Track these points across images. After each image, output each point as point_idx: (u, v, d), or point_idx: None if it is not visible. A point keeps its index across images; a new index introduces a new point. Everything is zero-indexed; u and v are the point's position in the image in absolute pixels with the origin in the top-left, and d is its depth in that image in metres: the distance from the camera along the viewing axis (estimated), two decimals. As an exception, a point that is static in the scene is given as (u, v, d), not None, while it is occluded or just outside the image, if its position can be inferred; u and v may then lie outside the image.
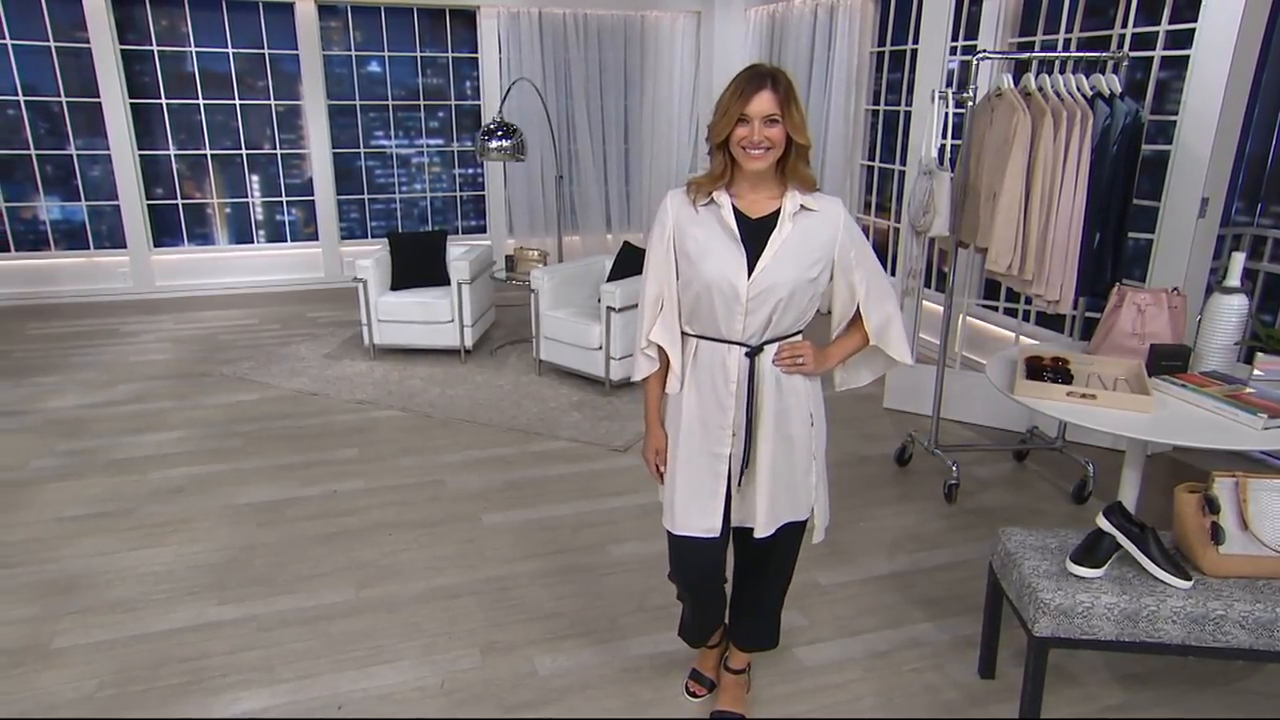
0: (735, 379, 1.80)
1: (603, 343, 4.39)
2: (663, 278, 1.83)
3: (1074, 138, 2.93)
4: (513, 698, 2.24)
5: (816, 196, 1.77)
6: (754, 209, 1.76)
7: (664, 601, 2.65)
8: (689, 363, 1.85)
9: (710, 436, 1.85)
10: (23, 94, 6.00)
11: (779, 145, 1.68)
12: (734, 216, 1.74)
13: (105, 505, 3.25)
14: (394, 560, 2.89)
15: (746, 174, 1.73)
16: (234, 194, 6.73)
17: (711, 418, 1.84)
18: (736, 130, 1.68)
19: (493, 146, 4.80)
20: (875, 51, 5.75)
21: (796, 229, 1.74)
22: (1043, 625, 1.90)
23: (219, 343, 5.38)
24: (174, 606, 2.61)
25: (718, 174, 1.75)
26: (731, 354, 1.80)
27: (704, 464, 1.86)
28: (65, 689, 2.24)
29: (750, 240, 1.74)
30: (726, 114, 1.68)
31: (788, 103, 1.66)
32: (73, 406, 4.25)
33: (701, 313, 1.79)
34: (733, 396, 1.81)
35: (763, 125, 1.65)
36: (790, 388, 1.83)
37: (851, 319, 1.88)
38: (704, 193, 1.77)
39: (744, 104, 1.65)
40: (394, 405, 4.33)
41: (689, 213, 1.79)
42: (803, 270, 1.74)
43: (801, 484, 1.89)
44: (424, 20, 6.75)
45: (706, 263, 1.74)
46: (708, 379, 1.83)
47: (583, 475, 3.56)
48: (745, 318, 1.76)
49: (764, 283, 1.73)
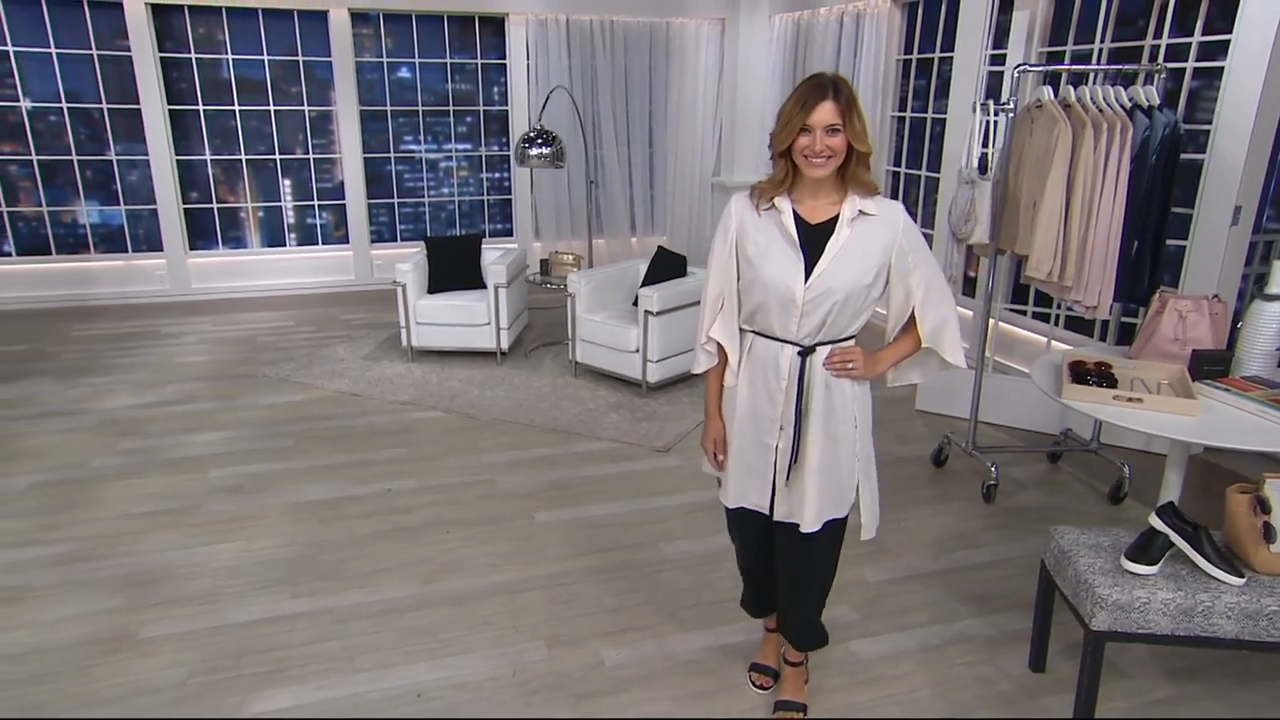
0: (786, 376, 1.89)
1: (640, 345, 4.48)
2: (723, 278, 1.92)
3: (1114, 148, 3.01)
4: (583, 687, 2.34)
5: (877, 201, 1.82)
6: (814, 214, 1.82)
7: (718, 597, 2.75)
8: (744, 356, 1.94)
9: (760, 428, 1.95)
10: (65, 101, 6.13)
11: (840, 154, 1.74)
12: (794, 221, 1.81)
13: (169, 502, 3.36)
14: (454, 557, 3.00)
15: (808, 180, 1.79)
16: (267, 198, 6.85)
17: (761, 410, 1.94)
18: (799, 139, 1.73)
19: (533, 154, 4.90)
20: (901, 59, 5.84)
21: (855, 234, 1.80)
22: (1100, 620, 1.99)
23: (258, 344, 5.49)
24: (249, 599, 2.72)
25: (779, 180, 1.82)
26: (785, 352, 1.88)
27: (755, 451, 1.97)
28: (157, 676, 2.35)
29: (809, 245, 1.80)
30: (789, 124, 1.74)
31: (849, 112, 1.71)
32: (126, 407, 4.37)
33: (759, 312, 1.88)
34: (782, 392, 1.90)
35: (824, 135, 1.71)
36: (838, 389, 1.90)
37: (906, 322, 1.93)
38: (766, 198, 1.84)
39: (806, 114, 1.71)
40: (436, 406, 4.44)
41: (752, 217, 1.86)
42: (860, 275, 1.80)
43: (845, 483, 1.97)
44: (453, 27, 6.86)
45: (765, 266, 1.82)
46: (760, 374, 1.92)
47: (627, 475, 3.66)
48: (800, 319, 1.83)
49: (820, 287, 1.79)
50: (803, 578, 2.07)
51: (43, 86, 6.07)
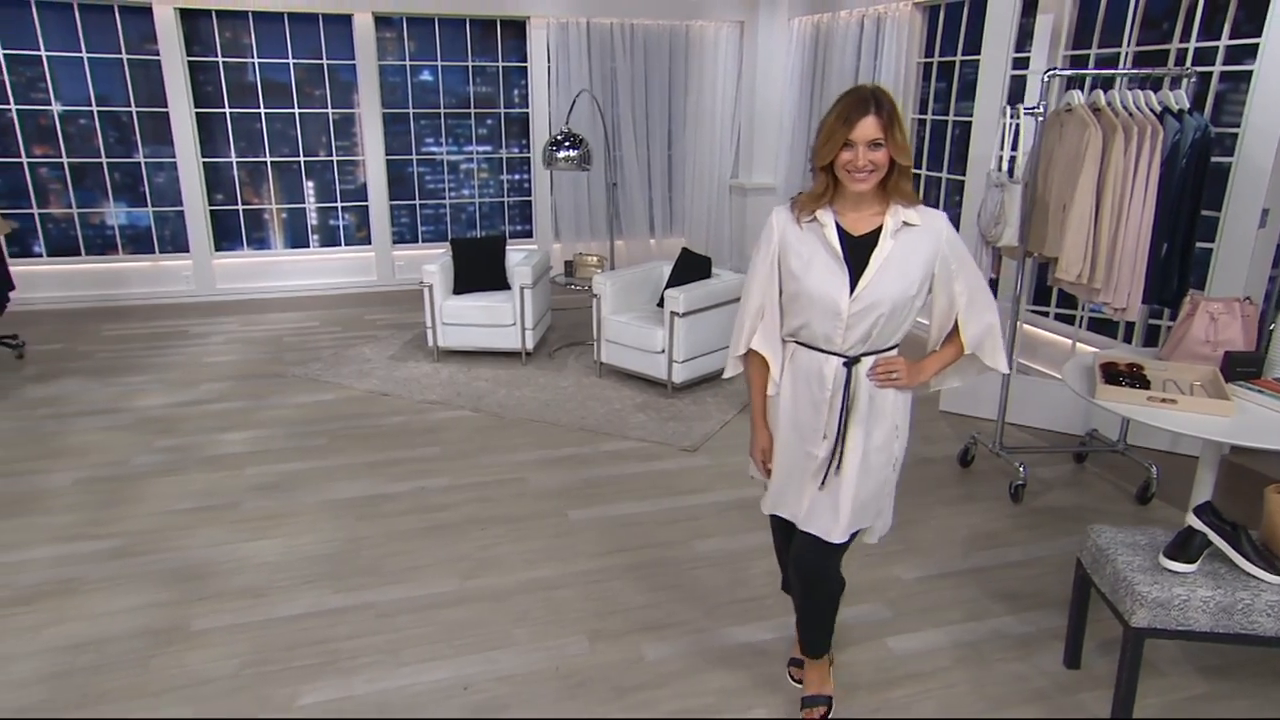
0: (830, 387, 1.90)
1: (665, 346, 4.53)
2: (765, 290, 1.94)
3: (1144, 152, 3.05)
4: (625, 681, 2.38)
5: (920, 211, 1.83)
6: (857, 226, 1.84)
7: (753, 594, 2.80)
8: (787, 366, 1.96)
9: (804, 437, 1.97)
10: (96, 104, 6.22)
11: (883, 168, 1.75)
12: (837, 234, 1.83)
13: (210, 499, 3.43)
14: (491, 553, 3.05)
15: (850, 193, 1.81)
16: (291, 200, 6.93)
17: (805, 420, 1.95)
18: (841, 154, 1.74)
19: (560, 156, 4.96)
20: (922, 62, 5.87)
21: (898, 245, 1.81)
22: (1140, 617, 2.03)
23: (285, 344, 5.57)
24: (295, 594, 2.78)
25: (820, 193, 1.83)
26: (829, 363, 1.89)
27: (799, 460, 1.99)
28: (212, 667, 2.42)
29: (853, 257, 1.82)
30: (831, 138, 1.74)
31: (891, 126, 1.72)
32: (161, 405, 4.44)
33: (803, 324, 1.89)
34: (826, 403, 1.91)
35: (867, 150, 1.72)
36: (881, 397, 1.91)
37: (949, 330, 1.95)
38: (808, 210, 1.86)
39: (848, 129, 1.72)
40: (464, 406, 4.50)
41: (794, 230, 1.88)
42: (904, 286, 1.81)
43: (879, 491, 1.99)
44: (475, 30, 6.93)
45: (810, 279, 1.83)
46: (804, 384, 1.94)
47: (657, 474, 3.71)
48: (845, 332, 1.84)
49: (865, 299, 1.80)
50: (816, 584, 2.08)
51: (73, 90, 6.16)
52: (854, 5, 6.12)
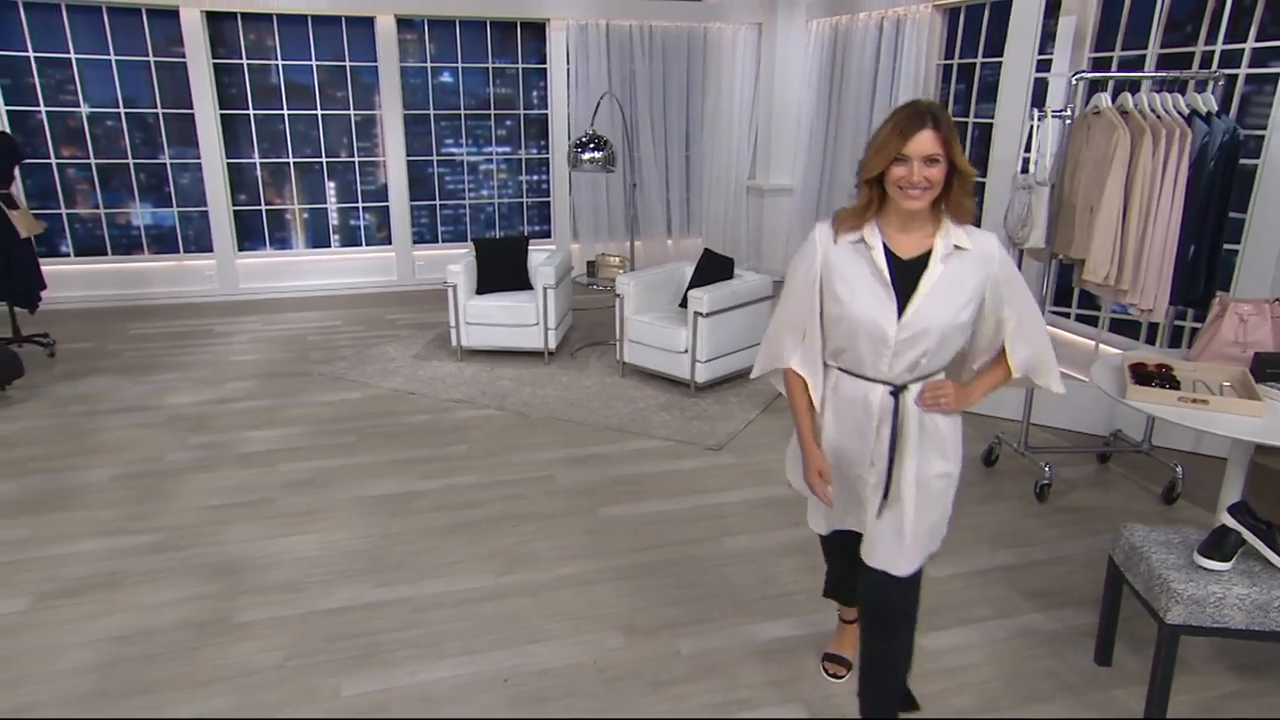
0: (877, 416, 1.82)
1: (689, 346, 4.57)
2: (803, 310, 1.85)
3: (1173, 154, 3.07)
4: (662, 675, 2.42)
5: (971, 233, 1.74)
6: (905, 248, 1.74)
7: (784, 590, 2.83)
8: (829, 393, 1.89)
9: (850, 461, 1.90)
10: (123, 106, 6.30)
11: (938, 186, 1.66)
12: (885, 257, 1.73)
13: (245, 495, 3.48)
14: (524, 549, 3.10)
15: (898, 211, 1.72)
16: (313, 200, 7.00)
17: (851, 446, 1.88)
18: (893, 169, 1.65)
19: (585, 158, 5.01)
20: (942, 64, 5.89)
21: (949, 270, 1.72)
22: (1175, 614, 2.06)
23: (309, 343, 5.63)
24: (334, 588, 2.83)
25: (863, 208, 1.74)
26: (875, 392, 1.81)
27: (844, 483, 1.95)
28: (257, 658, 2.47)
29: (901, 281, 1.72)
30: (883, 150, 1.65)
31: (949, 141, 1.63)
32: (191, 403, 4.51)
33: (847, 350, 1.81)
34: (874, 432, 1.83)
35: (923, 165, 1.63)
36: (931, 423, 1.82)
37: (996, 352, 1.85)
38: (851, 228, 1.76)
39: (903, 142, 1.63)
40: (489, 404, 4.55)
41: (838, 250, 1.78)
42: (954, 313, 1.72)
43: (940, 517, 1.90)
44: (495, 32, 6.99)
45: (855, 304, 1.74)
46: (848, 412, 1.86)
47: (683, 473, 3.75)
48: (892, 359, 1.76)
49: (914, 326, 1.71)
50: (891, 627, 1.95)
51: (101, 92, 6.25)
52: (873, 7, 6.15)
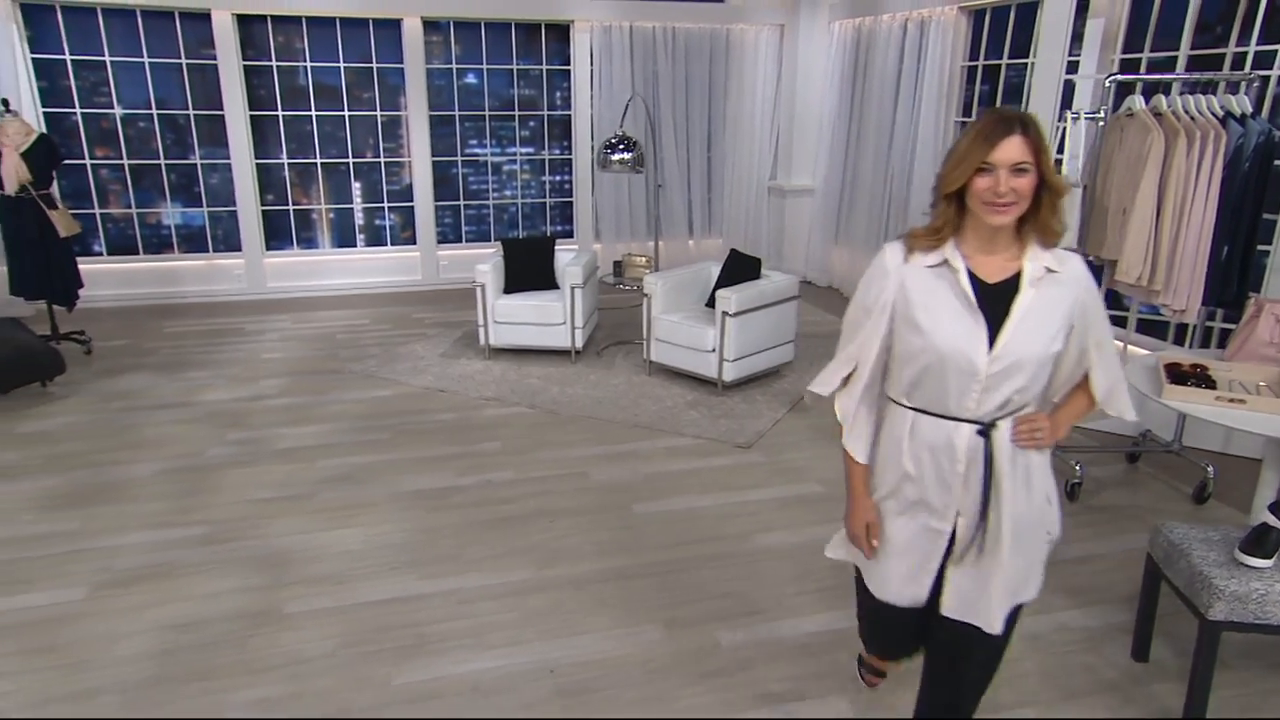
0: (964, 460, 1.62)
1: (716, 345, 4.62)
2: (866, 342, 1.68)
3: (1207, 156, 3.09)
4: (704, 666, 2.47)
5: (1058, 255, 1.58)
6: (990, 271, 1.58)
7: (819, 586, 2.87)
8: (905, 436, 1.68)
9: (930, 512, 1.69)
10: (155, 108, 6.41)
11: (1026, 199, 1.50)
12: (970, 281, 1.57)
13: (286, 490, 3.55)
14: (562, 544, 3.15)
15: (980, 230, 1.56)
16: (339, 200, 7.09)
17: (932, 496, 1.68)
18: (977, 181, 1.50)
19: (615, 159, 5.06)
20: (966, 65, 5.91)
21: (1041, 295, 1.56)
22: (1217, 610, 2.09)
23: (338, 341, 5.71)
24: (379, 580, 2.89)
25: (939, 227, 1.59)
26: (960, 432, 1.61)
27: (918, 536, 1.72)
28: (309, 648, 2.53)
29: (987, 308, 1.56)
30: (964, 160, 1.50)
31: (1040, 149, 1.49)
32: (227, 400, 4.59)
33: (927, 387, 1.62)
34: (960, 477, 1.63)
35: (1010, 175, 1.47)
36: (1026, 461, 1.63)
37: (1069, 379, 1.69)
38: (927, 248, 1.61)
39: (988, 150, 1.47)
40: (519, 402, 4.61)
41: (914, 274, 1.61)
42: (1047, 341, 1.57)
43: (1037, 565, 1.72)
44: (520, 34, 7.05)
45: (940, 334, 1.57)
46: (928, 457, 1.65)
47: (714, 470, 3.79)
48: (981, 395, 1.57)
49: (1007, 358, 1.55)
50: (972, 684, 1.79)
51: (134, 94, 6.36)
52: (897, 8, 6.17)
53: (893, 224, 6.45)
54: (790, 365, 5.10)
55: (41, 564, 2.96)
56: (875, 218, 6.63)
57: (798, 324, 5.03)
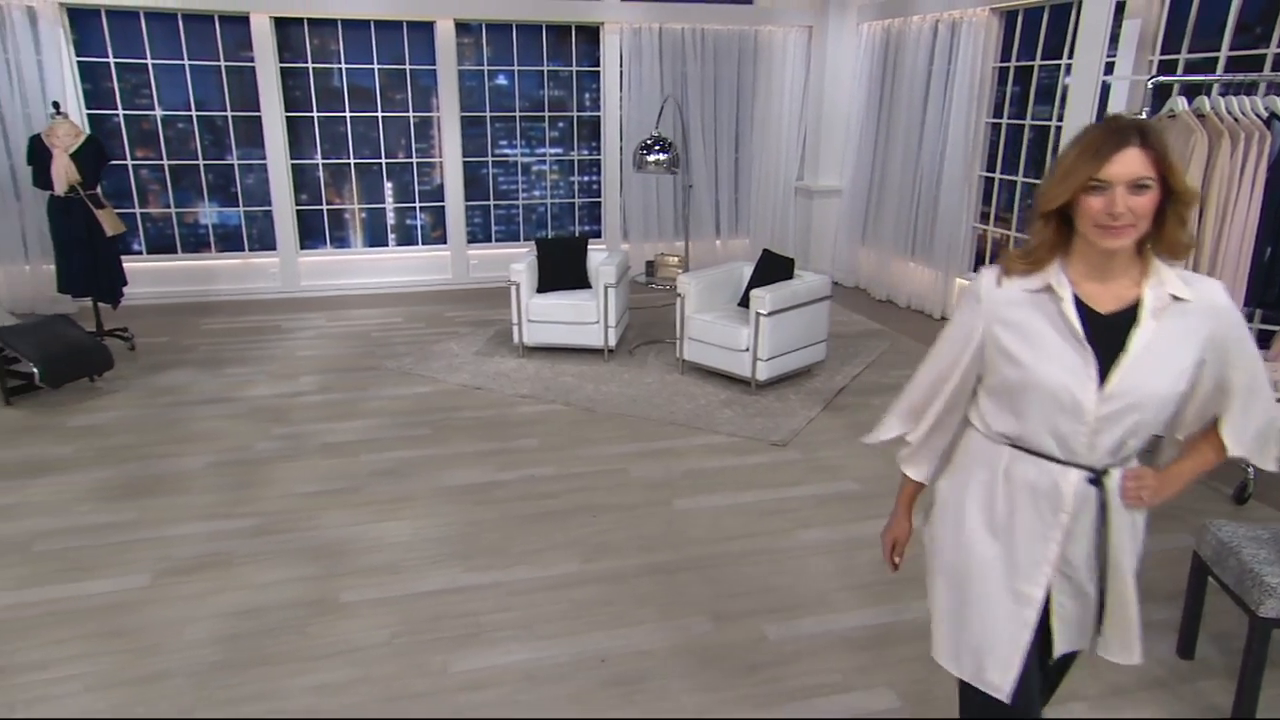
0: (1070, 509, 1.44)
1: (750, 344, 4.66)
2: (946, 374, 1.54)
3: (1251, 156, 3.10)
4: (753, 659, 2.52)
5: (1188, 279, 1.39)
6: (1102, 300, 1.39)
7: (863, 581, 2.91)
8: (998, 477, 1.50)
9: (1018, 572, 1.48)
10: (194, 109, 6.53)
11: (1146, 219, 1.31)
12: (1076, 310, 1.39)
13: (333, 483, 3.63)
14: (606, 538, 3.21)
15: (1089, 254, 1.38)
16: (371, 200, 7.20)
17: (1024, 550, 1.48)
18: (1087, 200, 1.31)
19: (650, 160, 5.12)
20: (998, 67, 5.91)
21: (1165, 326, 1.37)
22: (1268, 607, 2.11)
23: (374, 339, 5.80)
24: (428, 571, 2.96)
25: (1040, 248, 1.41)
26: (1067, 479, 1.43)
27: (1004, 605, 1.50)
28: (366, 635, 2.60)
29: (1099, 340, 1.37)
30: (1071, 175, 1.32)
31: (1163, 161, 1.30)
32: (268, 396, 4.68)
33: (1029, 423, 1.44)
34: (1060, 529, 1.45)
35: (1127, 193, 1.29)
36: (1129, 520, 1.48)
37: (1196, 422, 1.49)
38: (1026, 273, 1.43)
39: (1100, 164, 1.29)
40: (555, 400, 4.67)
41: (1011, 302, 1.44)
42: (1172, 380, 1.37)
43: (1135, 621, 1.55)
44: (550, 35, 7.12)
45: (1040, 368, 1.39)
46: (1027, 503, 1.46)
47: (751, 467, 3.83)
48: (1091, 437, 1.39)
49: (1121, 398, 1.36)
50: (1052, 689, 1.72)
51: (174, 96, 6.49)
52: (927, 10, 6.18)
53: (921, 225, 6.46)
54: (822, 364, 5.13)
55: (103, 552, 3.05)
56: (903, 218, 6.64)
57: (829, 324, 5.06)
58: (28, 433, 4.11)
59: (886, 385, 4.89)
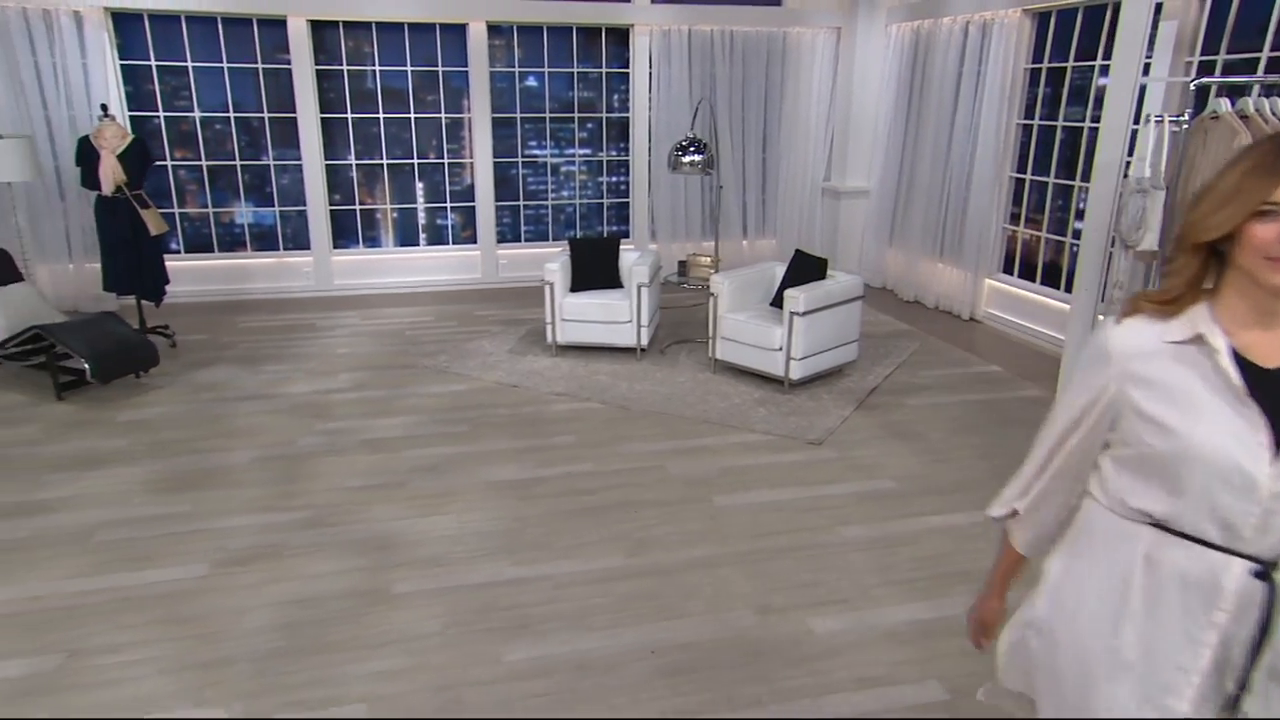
0: (1229, 608, 1.17)
1: (783, 344, 4.69)
2: (1064, 437, 1.32)
3: (1295, 159, 3.10)
4: (799, 652, 2.56)
5: None
6: (1266, 351, 1.17)
7: (905, 577, 2.94)
8: (1136, 564, 1.23)
9: (1157, 680, 1.22)
10: (232, 111, 6.65)
11: None
12: (1235, 363, 1.16)
13: (378, 478, 3.71)
14: (648, 534, 3.26)
15: (1252, 295, 1.16)
16: (403, 200, 7.29)
17: (1165, 652, 1.22)
18: (1254, 229, 1.11)
19: (685, 161, 5.17)
20: (1030, 68, 5.91)
21: None
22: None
23: (408, 337, 5.88)
24: (476, 564, 3.02)
25: (1183, 290, 1.19)
26: (1230, 570, 1.17)
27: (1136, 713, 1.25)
28: (419, 625, 2.67)
29: (1266, 402, 1.14)
30: (1234, 200, 1.12)
31: None
32: (309, 392, 4.77)
33: (1181, 500, 1.19)
34: (1216, 630, 1.18)
35: None
36: None
37: None
38: (1167, 318, 1.20)
39: (1272, 186, 1.09)
40: (590, 398, 4.72)
41: (1149, 355, 1.21)
42: None
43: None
44: (581, 37, 7.19)
45: (1195, 436, 1.16)
46: (1174, 596, 1.21)
47: (788, 465, 3.87)
48: (1262, 519, 1.14)
49: None
50: None
51: (213, 97, 6.61)
52: (958, 11, 6.19)
53: (950, 226, 6.46)
54: (854, 364, 5.16)
55: (160, 542, 3.14)
56: (932, 219, 6.65)
57: (861, 324, 5.08)
58: (79, 427, 4.22)
59: (918, 385, 4.91)
